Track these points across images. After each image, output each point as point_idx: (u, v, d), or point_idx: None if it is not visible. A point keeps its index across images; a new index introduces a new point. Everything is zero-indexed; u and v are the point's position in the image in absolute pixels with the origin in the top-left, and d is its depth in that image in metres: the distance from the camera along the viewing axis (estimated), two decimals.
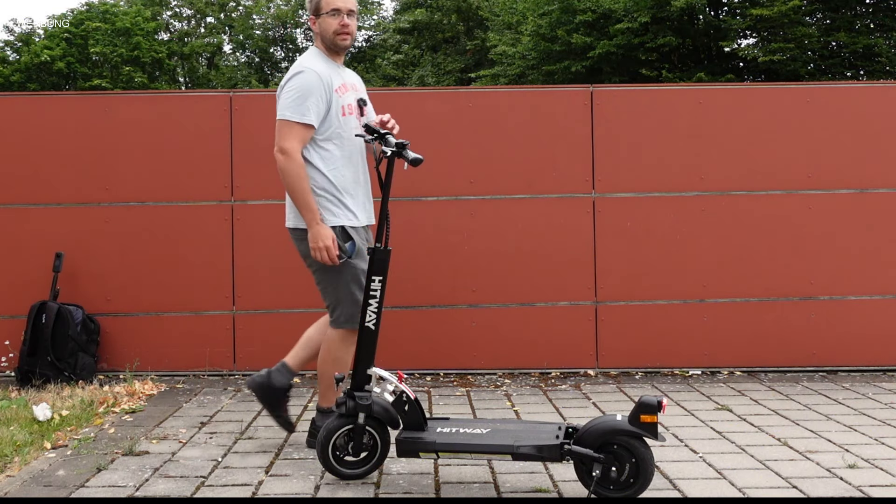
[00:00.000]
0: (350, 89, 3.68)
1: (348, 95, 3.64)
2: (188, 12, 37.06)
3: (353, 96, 3.67)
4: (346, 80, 3.69)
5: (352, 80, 3.76)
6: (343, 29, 3.58)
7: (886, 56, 18.78)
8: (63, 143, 5.54)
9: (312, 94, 3.49)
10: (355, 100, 3.68)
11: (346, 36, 3.59)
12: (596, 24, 20.24)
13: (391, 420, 3.31)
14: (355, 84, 3.76)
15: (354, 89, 3.72)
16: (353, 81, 3.77)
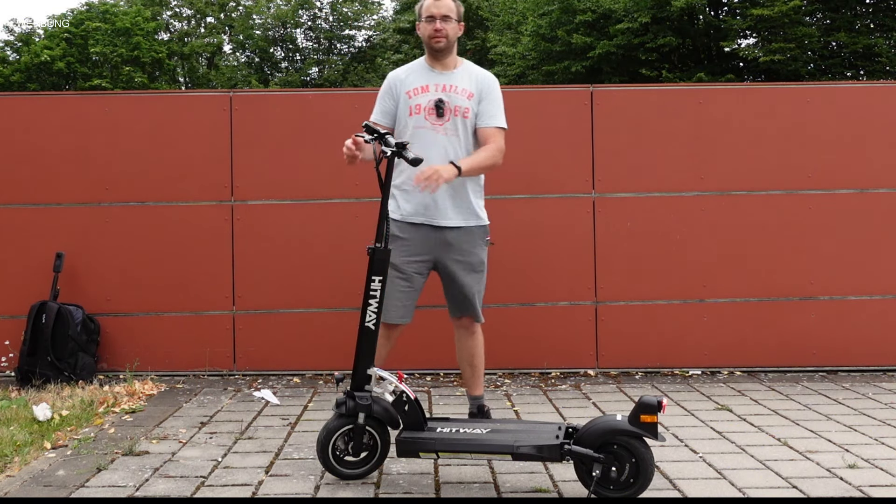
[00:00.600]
0: (433, 91, 3.81)
1: (424, 97, 3.81)
2: (188, 12, 37.04)
3: (428, 98, 3.80)
4: (435, 83, 3.83)
5: (448, 82, 3.83)
6: (436, 33, 3.81)
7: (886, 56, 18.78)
8: (63, 143, 5.54)
9: (381, 96, 3.96)
10: (432, 101, 3.79)
11: (440, 39, 3.81)
12: (596, 24, 20.25)
13: (391, 420, 3.31)
14: (455, 85, 3.82)
15: (446, 90, 3.81)
16: (452, 83, 3.83)
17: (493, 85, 3.89)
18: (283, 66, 37.26)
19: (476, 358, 3.97)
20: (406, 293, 3.79)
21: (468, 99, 3.81)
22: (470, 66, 3.95)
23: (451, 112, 3.78)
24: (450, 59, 3.88)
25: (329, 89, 6.20)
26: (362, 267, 5.27)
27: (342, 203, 5.56)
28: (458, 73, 3.87)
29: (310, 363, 5.54)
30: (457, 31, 3.88)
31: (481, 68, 4.00)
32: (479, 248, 3.85)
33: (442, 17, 3.80)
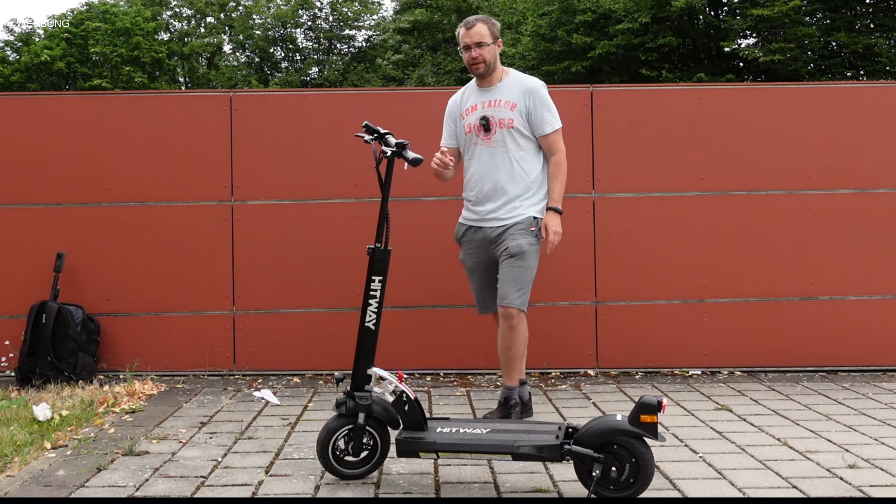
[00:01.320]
0: (480, 109, 4.17)
1: (473, 116, 4.19)
2: (188, 12, 37.06)
3: (476, 116, 4.17)
4: (482, 101, 4.19)
5: (492, 97, 4.16)
6: (472, 61, 4.14)
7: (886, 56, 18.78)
8: (63, 143, 5.54)
9: (445, 121, 4.39)
10: (478, 119, 4.15)
11: (478, 66, 4.14)
12: (596, 24, 20.26)
13: (391, 420, 3.31)
14: (498, 99, 4.14)
15: (491, 105, 4.14)
16: (496, 97, 4.15)
17: (538, 90, 4.14)
18: (283, 66, 37.28)
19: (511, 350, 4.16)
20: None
21: (511, 110, 4.11)
22: (515, 77, 4.21)
23: (497, 125, 4.12)
24: (494, 75, 4.18)
25: (329, 89, 6.20)
26: (362, 267, 5.28)
27: (342, 203, 5.56)
28: (501, 87, 4.17)
29: (310, 363, 5.54)
30: (495, 52, 4.15)
31: (526, 76, 4.25)
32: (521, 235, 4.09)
33: (476, 45, 4.09)
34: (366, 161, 5.21)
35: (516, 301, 4.04)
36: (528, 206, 4.13)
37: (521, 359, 4.18)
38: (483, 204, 4.17)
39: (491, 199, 4.14)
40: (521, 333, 4.11)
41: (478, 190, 4.18)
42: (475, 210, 4.21)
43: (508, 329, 4.09)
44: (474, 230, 4.23)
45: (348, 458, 3.34)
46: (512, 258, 4.05)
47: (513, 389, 4.20)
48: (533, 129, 4.14)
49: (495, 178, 4.12)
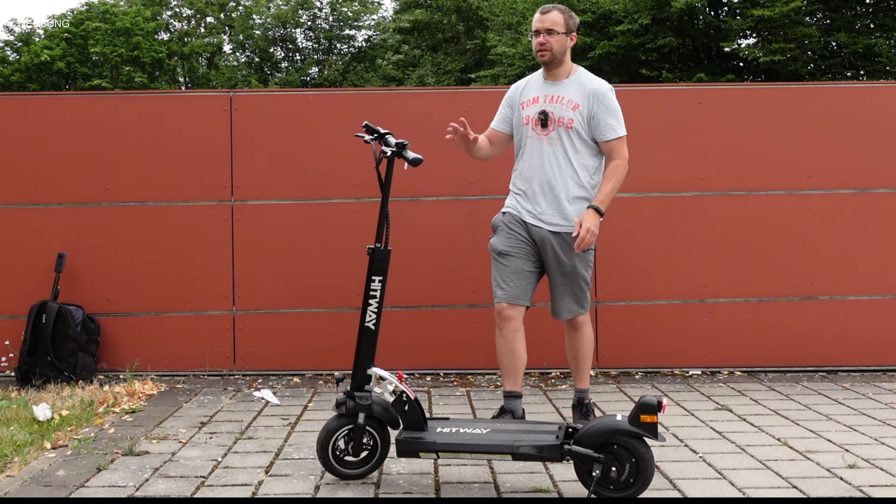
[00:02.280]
0: (541, 102, 4.00)
1: (533, 108, 4.01)
2: (188, 12, 37.04)
3: (536, 109, 4.00)
4: (545, 94, 4.02)
5: (556, 93, 4.01)
6: (540, 47, 3.98)
7: (886, 56, 18.78)
8: (63, 143, 5.54)
9: (501, 104, 4.22)
10: (537, 112, 3.98)
11: (544, 52, 3.98)
12: (596, 24, 20.24)
13: (391, 420, 3.31)
14: (562, 96, 3.99)
15: (553, 101, 3.99)
16: (560, 94, 4.00)
17: (604, 94, 3.98)
18: (283, 66, 37.26)
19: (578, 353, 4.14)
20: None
21: (573, 110, 3.95)
22: (582, 76, 4.06)
23: (555, 123, 3.95)
24: (561, 70, 4.03)
25: (329, 89, 6.20)
26: (362, 267, 5.28)
27: (342, 203, 5.56)
28: (567, 84, 4.02)
29: (310, 363, 5.54)
30: (565, 44, 4.00)
31: (595, 77, 4.08)
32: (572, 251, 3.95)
33: (546, 31, 3.95)
34: (366, 161, 5.21)
35: (576, 310, 4.05)
36: (579, 214, 3.93)
37: (590, 360, 4.17)
38: (536, 201, 3.99)
39: (544, 197, 3.97)
40: (587, 336, 4.12)
41: (529, 185, 4.01)
42: (526, 205, 4.01)
43: (574, 332, 4.10)
44: (521, 223, 4.02)
45: (348, 458, 3.34)
46: (566, 276, 4.00)
47: (585, 391, 4.17)
48: (594, 133, 3.96)
49: (548, 176, 3.96)
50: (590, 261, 4.05)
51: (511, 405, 3.98)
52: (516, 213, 4.04)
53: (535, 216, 3.99)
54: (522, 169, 4.06)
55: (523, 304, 4.01)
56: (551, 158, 3.96)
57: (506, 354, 4.02)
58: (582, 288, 4.03)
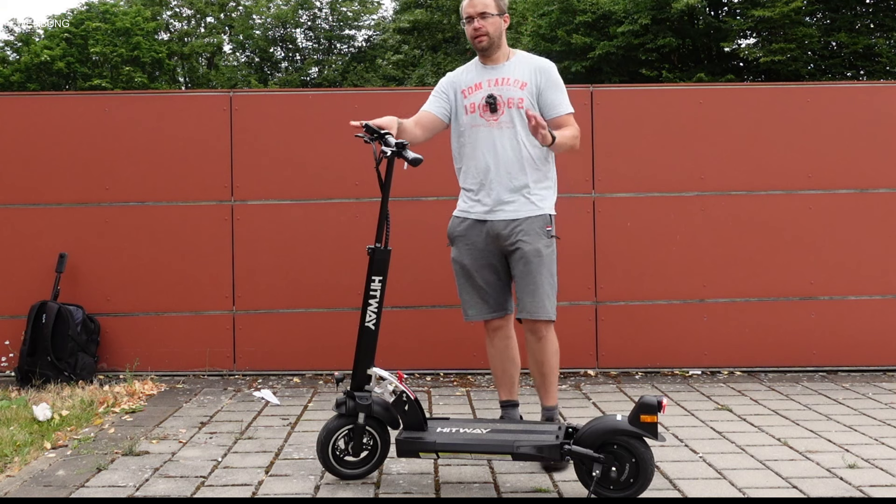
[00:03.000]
0: (485, 87, 3.74)
1: (477, 94, 3.75)
2: (188, 12, 37.04)
3: (481, 94, 3.73)
4: (487, 79, 3.75)
5: (500, 76, 3.73)
6: (475, 33, 3.73)
7: (886, 56, 18.78)
8: (63, 143, 5.54)
9: (434, 93, 3.90)
10: (484, 97, 3.71)
11: (481, 38, 3.73)
12: (596, 24, 20.26)
13: (391, 420, 3.31)
14: (507, 77, 3.72)
15: (498, 84, 3.72)
16: (504, 76, 3.73)
17: (550, 70, 3.77)
18: (283, 66, 37.26)
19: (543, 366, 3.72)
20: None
21: (521, 89, 3.70)
22: (523, 57, 3.83)
23: (505, 104, 3.69)
24: (500, 54, 3.78)
25: (329, 89, 6.20)
26: (362, 267, 5.27)
27: (342, 203, 5.56)
28: (509, 65, 3.77)
29: (310, 363, 5.54)
30: (499, 26, 3.74)
31: (536, 56, 3.87)
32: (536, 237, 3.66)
33: (479, 15, 3.70)
34: (366, 161, 5.21)
35: (542, 311, 3.63)
36: (542, 200, 3.69)
37: (556, 372, 3.74)
38: (489, 193, 3.68)
39: (501, 185, 3.66)
40: (551, 345, 3.70)
41: (485, 177, 3.69)
42: (479, 200, 3.71)
43: (538, 342, 3.67)
44: (475, 224, 3.71)
45: (348, 458, 3.34)
46: (529, 264, 3.63)
47: (553, 409, 3.75)
48: (543, 110, 3.70)
49: (503, 162, 3.65)
50: (555, 255, 3.71)
51: (509, 415, 3.77)
52: (470, 215, 3.74)
53: (491, 209, 3.68)
54: (472, 163, 3.75)
55: (507, 313, 3.78)
56: (504, 143, 3.67)
57: (498, 364, 3.82)
58: (552, 286, 3.68)
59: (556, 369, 3.73)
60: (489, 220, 3.68)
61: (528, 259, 3.64)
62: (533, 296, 3.64)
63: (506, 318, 3.79)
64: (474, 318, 3.79)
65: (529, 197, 3.67)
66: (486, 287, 3.75)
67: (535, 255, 3.63)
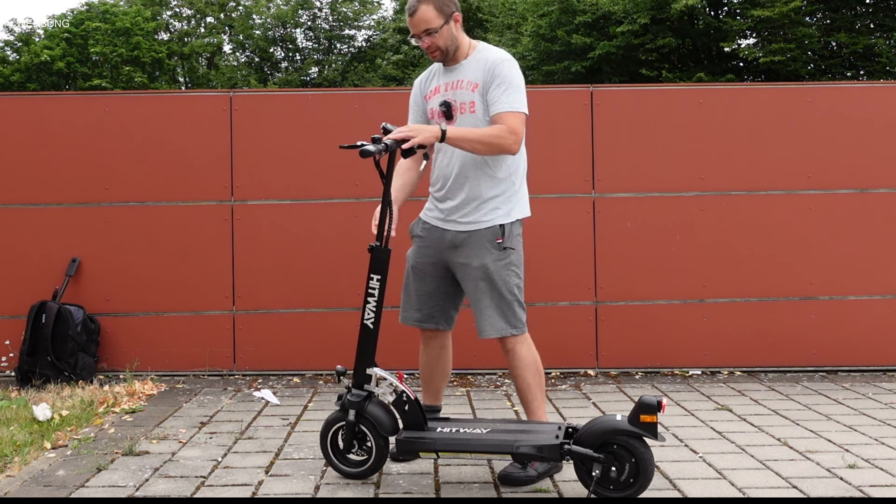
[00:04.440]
0: (443, 91, 3.54)
1: (435, 99, 3.57)
2: (188, 12, 37.05)
3: (438, 100, 3.55)
4: (445, 82, 3.55)
5: (455, 78, 3.52)
6: (427, 51, 3.54)
7: (886, 56, 18.79)
8: (63, 144, 5.54)
9: (410, 104, 3.76)
10: (439, 104, 3.54)
11: (434, 54, 3.52)
12: (596, 24, 20.26)
13: (383, 426, 3.27)
14: (461, 79, 3.50)
15: (453, 88, 3.52)
16: (459, 78, 3.51)
17: (499, 68, 3.42)
18: (283, 66, 37.26)
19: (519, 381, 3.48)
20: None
21: (472, 91, 3.46)
22: (482, 53, 3.52)
23: (459, 110, 3.49)
24: (459, 53, 3.52)
25: (329, 89, 6.20)
26: (362, 267, 5.27)
27: (342, 203, 5.56)
28: (465, 65, 3.51)
29: (310, 363, 5.54)
30: (449, 33, 3.46)
31: (495, 50, 3.54)
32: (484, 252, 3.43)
33: (424, 33, 3.46)
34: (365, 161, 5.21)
35: (490, 330, 3.42)
36: (495, 210, 3.45)
37: (538, 389, 3.45)
38: (445, 201, 3.51)
39: (455, 196, 3.48)
40: (521, 360, 3.44)
41: (441, 184, 3.53)
42: (439, 207, 3.55)
43: (507, 358, 3.46)
44: (434, 229, 3.56)
45: (349, 455, 3.37)
46: (476, 283, 3.43)
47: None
48: (490, 108, 3.42)
49: (459, 171, 3.45)
50: (513, 266, 3.46)
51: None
52: (430, 220, 3.59)
53: (445, 218, 3.51)
54: (437, 170, 3.58)
55: (435, 327, 3.59)
56: (460, 151, 3.42)
57: (425, 372, 3.69)
58: (507, 300, 3.42)
59: (533, 387, 3.44)
60: (444, 228, 3.53)
61: (473, 277, 3.44)
62: (481, 315, 3.44)
63: (437, 331, 3.62)
64: (404, 322, 3.64)
65: (481, 208, 3.45)
66: (422, 295, 3.58)
67: (481, 272, 3.42)
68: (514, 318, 3.44)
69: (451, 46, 3.48)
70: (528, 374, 3.43)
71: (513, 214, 3.50)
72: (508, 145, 3.38)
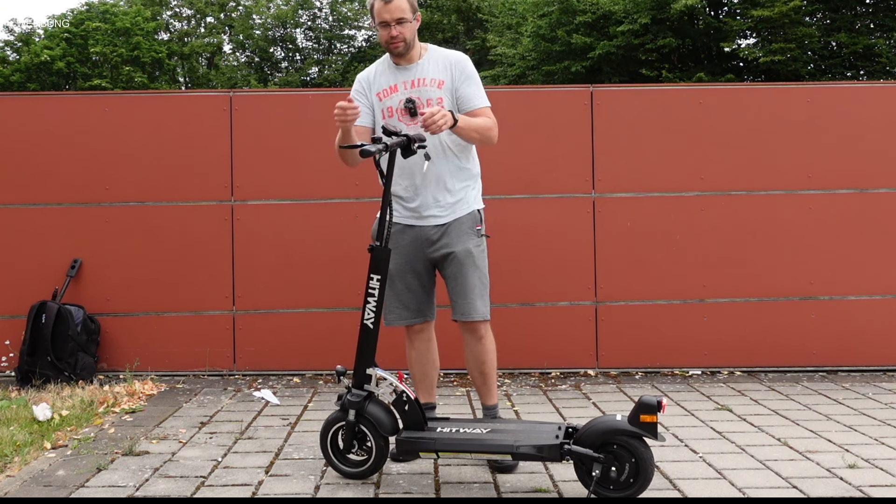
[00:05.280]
0: (401, 90, 3.59)
1: (394, 97, 3.61)
2: (188, 12, 37.05)
3: (398, 98, 3.60)
4: (402, 81, 3.61)
5: (415, 76, 3.59)
6: (393, 40, 3.54)
7: (886, 56, 18.78)
8: (63, 144, 5.54)
9: (354, 97, 3.58)
10: (402, 101, 3.59)
11: (397, 44, 3.54)
12: (596, 24, 20.26)
13: (383, 426, 3.28)
14: (422, 78, 3.58)
15: (415, 86, 3.58)
16: (420, 76, 3.59)
17: (464, 65, 3.61)
18: (283, 66, 37.26)
19: (484, 365, 3.69)
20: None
21: (439, 88, 3.57)
22: (436, 52, 3.67)
23: (424, 106, 3.55)
24: (413, 52, 3.61)
25: (329, 89, 6.19)
26: (362, 267, 5.26)
27: (342, 203, 5.56)
28: (423, 64, 3.61)
29: (310, 363, 5.54)
30: (414, 28, 3.58)
31: (449, 50, 3.71)
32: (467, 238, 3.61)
33: (396, 21, 3.51)
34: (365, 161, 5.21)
35: (479, 312, 3.60)
36: (469, 197, 3.63)
37: (495, 372, 3.72)
38: (416, 199, 3.59)
39: (425, 191, 3.57)
40: (490, 344, 3.67)
41: (410, 182, 3.59)
42: (408, 206, 3.62)
43: (477, 342, 3.64)
44: (404, 229, 3.63)
45: (349, 455, 3.37)
46: (461, 266, 3.58)
47: (495, 408, 3.71)
48: (460, 105, 3.56)
49: (428, 167, 3.53)
50: (485, 253, 3.68)
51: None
52: (399, 220, 3.62)
53: (419, 215, 3.60)
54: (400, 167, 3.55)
55: (427, 319, 3.74)
56: (432, 146, 3.50)
57: (418, 368, 3.80)
58: (484, 284, 3.64)
59: (495, 368, 3.70)
60: (418, 224, 3.62)
61: (459, 261, 3.58)
62: (465, 297, 3.59)
63: (426, 323, 3.74)
64: (394, 324, 3.71)
65: (457, 197, 3.61)
66: (408, 292, 3.67)
67: (466, 256, 3.58)
68: (485, 305, 3.65)
69: (411, 41, 3.60)
70: (491, 358, 3.68)
71: (479, 201, 3.72)
72: (494, 136, 3.62)
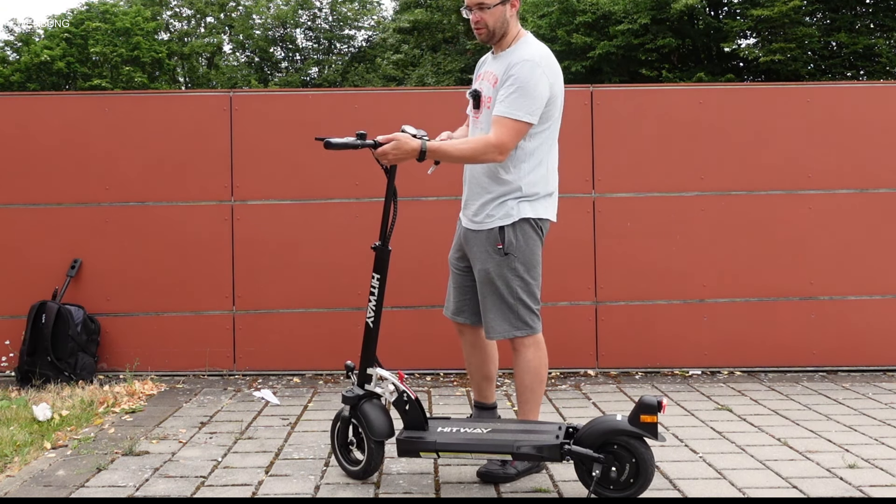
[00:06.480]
0: (481, 79, 3.47)
1: (476, 85, 3.50)
2: (188, 12, 37.06)
3: (473, 88, 3.49)
4: (484, 70, 3.48)
5: (489, 69, 3.44)
6: (475, 26, 3.35)
7: (886, 56, 18.78)
8: (62, 143, 5.54)
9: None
10: (469, 93, 3.47)
11: (479, 31, 3.34)
12: (596, 24, 20.27)
13: (371, 428, 3.24)
14: (490, 71, 3.41)
15: (484, 78, 3.45)
16: (491, 69, 3.42)
17: (517, 68, 3.24)
18: (283, 66, 37.28)
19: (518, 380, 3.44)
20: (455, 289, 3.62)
21: (493, 87, 3.35)
22: (518, 48, 3.34)
23: (484, 103, 3.39)
24: (504, 41, 3.37)
25: (329, 89, 6.19)
26: (362, 267, 5.27)
27: (342, 203, 5.56)
28: (503, 57, 3.36)
29: (310, 363, 5.54)
30: (501, 15, 3.30)
31: (531, 49, 3.33)
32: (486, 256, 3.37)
33: (477, 6, 3.29)
34: (366, 161, 5.21)
35: (496, 331, 3.37)
36: (496, 212, 3.34)
37: (535, 392, 3.39)
38: (466, 195, 3.49)
39: (468, 192, 3.46)
40: (525, 362, 3.37)
41: (465, 178, 3.52)
42: (462, 201, 3.55)
43: (515, 357, 3.41)
44: (460, 222, 3.57)
45: (350, 453, 3.40)
46: (480, 285, 3.41)
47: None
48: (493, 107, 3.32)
49: (475, 167, 3.39)
50: (517, 269, 3.34)
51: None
52: (462, 215, 3.56)
53: (463, 209, 3.51)
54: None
55: (464, 321, 3.56)
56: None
57: (466, 364, 3.68)
58: (509, 303, 3.34)
59: (530, 389, 3.39)
60: (462, 224, 3.53)
61: (479, 279, 3.42)
62: (485, 316, 3.42)
63: (465, 326, 3.59)
64: (445, 314, 3.66)
65: (484, 208, 3.37)
66: (452, 286, 3.62)
67: (484, 276, 3.37)
68: (518, 321, 3.34)
69: (499, 29, 3.34)
70: (527, 377, 3.38)
71: (514, 215, 3.32)
72: (491, 159, 3.25)
